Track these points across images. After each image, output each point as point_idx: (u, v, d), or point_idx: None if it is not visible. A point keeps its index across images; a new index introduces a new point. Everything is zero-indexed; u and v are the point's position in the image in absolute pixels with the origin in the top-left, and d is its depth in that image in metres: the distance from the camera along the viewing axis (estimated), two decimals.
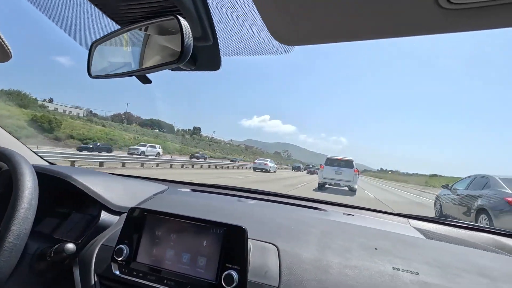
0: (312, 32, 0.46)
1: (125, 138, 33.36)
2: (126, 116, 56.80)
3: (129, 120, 57.73)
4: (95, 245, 0.89)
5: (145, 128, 51.86)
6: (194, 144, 57.69)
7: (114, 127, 39.88)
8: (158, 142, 36.44)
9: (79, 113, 50.45)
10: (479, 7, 0.35)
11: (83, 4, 0.68)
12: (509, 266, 0.81)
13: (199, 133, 79.77)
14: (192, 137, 67.81)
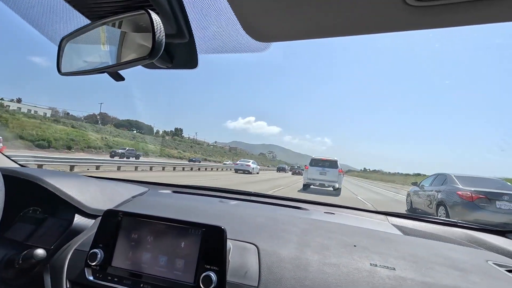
0: (285, 29, 0.47)
1: (90, 139, 30.69)
2: (100, 117, 53.55)
3: (104, 121, 54.50)
4: (68, 250, 0.86)
5: (121, 129, 48.93)
6: (174, 145, 55.19)
7: (85, 128, 36.94)
8: (133, 144, 33.94)
9: (46, 113, 46.92)
10: (444, 4, 0.36)
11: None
12: (478, 258, 0.85)
13: (181, 135, 77.25)
14: (173, 139, 65.19)
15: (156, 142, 50.38)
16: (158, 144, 49.44)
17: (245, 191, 1.59)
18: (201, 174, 19.91)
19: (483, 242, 1.05)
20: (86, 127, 38.74)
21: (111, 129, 46.30)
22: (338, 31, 0.45)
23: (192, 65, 0.76)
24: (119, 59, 0.67)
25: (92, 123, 45.74)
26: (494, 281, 0.72)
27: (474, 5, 0.35)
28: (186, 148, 59.30)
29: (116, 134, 43.45)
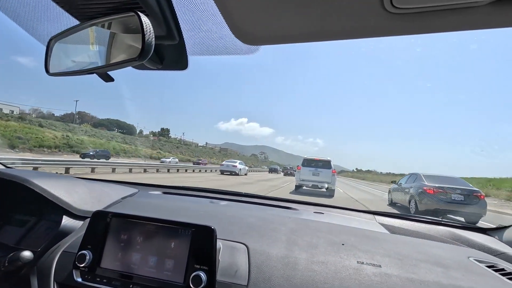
0: (273, 33, 0.49)
1: (45, 138, 27.48)
2: (76, 115, 50.01)
3: (83, 120, 51.05)
4: (55, 252, 0.85)
5: (99, 129, 45.58)
6: (159, 146, 52.09)
7: (55, 127, 33.59)
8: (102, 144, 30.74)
9: (13, 111, 43.33)
10: (421, 12, 0.38)
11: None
12: (460, 255, 0.87)
13: (168, 135, 74.06)
14: (159, 139, 62.02)
15: (138, 142, 47.12)
16: (142, 145, 46.26)
17: (236, 192, 1.60)
18: (177, 176, 17.45)
19: (465, 240, 1.08)
20: (56, 125, 35.38)
21: (87, 128, 43.07)
22: (323, 36, 0.47)
23: (182, 66, 0.76)
24: (108, 60, 0.67)
25: (66, 122, 42.28)
26: (475, 277, 0.75)
27: (448, 14, 0.38)
28: (171, 149, 56.23)
29: (92, 133, 40.20)
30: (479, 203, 7.14)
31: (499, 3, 0.35)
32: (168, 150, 53.60)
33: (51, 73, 0.71)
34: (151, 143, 52.59)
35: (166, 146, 56.89)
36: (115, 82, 0.72)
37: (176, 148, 60.39)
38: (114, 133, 46.75)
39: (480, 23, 0.39)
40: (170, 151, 53.60)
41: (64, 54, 0.72)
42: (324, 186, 12.21)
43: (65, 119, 47.41)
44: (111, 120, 61.78)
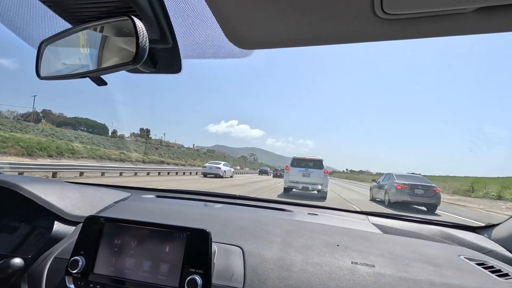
0: (266, 38, 0.50)
1: None
2: (33, 114, 44.46)
3: (48, 119, 45.46)
4: (47, 259, 0.84)
5: (62, 128, 40.27)
6: (134, 147, 46.92)
7: (1, 125, 28.25)
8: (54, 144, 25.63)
9: None
10: (410, 18, 0.40)
11: (30, 1, 0.64)
12: (451, 253, 0.89)
13: (148, 136, 68.88)
14: (136, 140, 56.67)
15: (108, 143, 41.92)
16: (113, 146, 41.18)
17: (230, 194, 1.61)
18: (144, 180, 15.15)
19: (456, 238, 1.11)
20: (3, 123, 30.05)
21: (45, 127, 37.70)
22: (316, 41, 0.48)
23: (175, 69, 0.76)
24: (101, 63, 0.66)
25: (19, 121, 36.85)
26: (465, 274, 0.76)
27: (436, 20, 0.39)
28: (149, 150, 51.06)
29: (51, 133, 34.81)
30: (435, 196, 9.47)
31: (483, 10, 0.37)
32: (144, 151, 48.49)
33: (42, 76, 0.69)
34: (124, 144, 47.37)
35: (142, 147, 51.67)
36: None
37: (154, 149, 55.27)
38: (80, 133, 41.52)
39: (466, 29, 0.41)
40: (146, 153, 48.42)
41: (56, 58, 0.71)
42: (315, 188, 10.99)
43: (26, 118, 42.00)
44: (78, 119, 56.45)
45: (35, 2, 0.61)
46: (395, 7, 0.37)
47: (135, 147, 49.83)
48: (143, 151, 48.39)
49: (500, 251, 0.99)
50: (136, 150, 47.77)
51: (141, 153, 45.95)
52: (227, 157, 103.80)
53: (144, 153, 47.47)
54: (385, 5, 0.37)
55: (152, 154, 49.94)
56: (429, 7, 0.37)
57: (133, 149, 47.97)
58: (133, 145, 50.70)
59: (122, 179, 15.52)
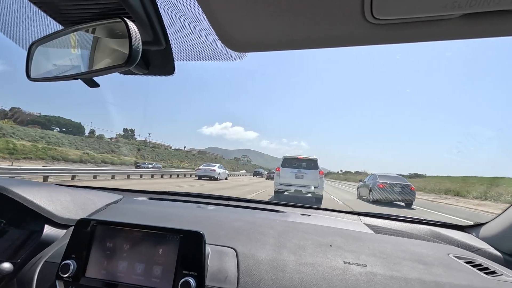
0: (259, 41, 0.50)
1: None
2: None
3: (16, 118, 41.25)
4: (37, 263, 0.82)
5: (30, 127, 36.10)
6: (110, 148, 42.86)
7: None
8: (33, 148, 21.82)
9: None
10: (399, 23, 0.41)
11: (19, 2, 0.63)
12: (441, 252, 0.91)
13: (132, 136, 64.77)
14: (116, 140, 52.58)
15: (82, 144, 37.91)
16: (87, 147, 37.17)
17: (223, 196, 1.59)
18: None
19: (445, 237, 1.13)
20: None
21: (6, 125, 33.43)
22: (308, 44, 0.49)
23: (168, 71, 0.76)
24: (93, 65, 0.66)
25: None
26: (455, 272, 0.78)
27: (424, 25, 0.41)
28: (130, 152, 46.94)
29: (10, 132, 30.75)
30: (411, 192, 11.29)
31: (468, 17, 0.39)
32: (124, 153, 44.44)
33: (32, 78, 0.68)
34: (102, 145, 43.27)
35: (122, 148, 47.52)
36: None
37: (137, 150, 51.09)
38: (48, 132, 37.35)
39: (453, 34, 0.42)
40: (127, 154, 44.40)
41: (47, 59, 0.70)
42: (309, 191, 9.74)
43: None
44: (50, 117, 52.18)
45: (25, 3, 0.59)
46: (384, 12, 0.39)
47: (114, 148, 45.81)
48: (124, 154, 44.41)
49: (488, 249, 1.01)
50: (115, 151, 43.87)
51: (119, 154, 42.08)
52: (217, 158, 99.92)
53: (124, 155, 43.56)
54: (375, 10, 0.39)
55: (132, 155, 46.00)
56: (417, 13, 0.38)
57: (111, 150, 44.03)
58: (112, 145, 46.66)
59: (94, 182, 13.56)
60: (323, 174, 10.04)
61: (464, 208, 12.41)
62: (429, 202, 14.71)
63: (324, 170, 10.56)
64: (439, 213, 10.13)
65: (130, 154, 46.49)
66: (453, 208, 12.60)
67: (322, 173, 9.92)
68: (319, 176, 9.72)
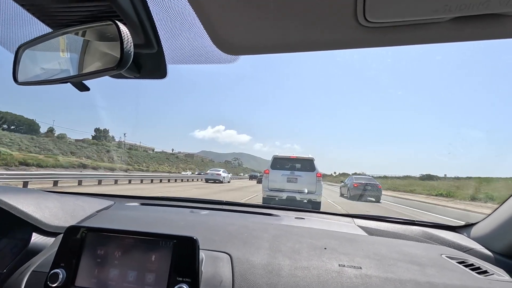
0: (252, 43, 0.51)
1: None
2: None
3: None
4: (24, 273, 0.79)
5: None
6: (70, 149, 36.48)
7: None
8: None
9: None
10: (391, 26, 0.42)
11: (6, 4, 0.61)
12: (433, 253, 0.92)
13: (106, 137, 58.33)
14: (82, 141, 46.13)
15: (31, 143, 31.65)
16: (36, 147, 30.94)
17: (217, 200, 1.56)
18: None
19: (437, 238, 1.13)
20: None
21: None
22: (301, 47, 0.49)
23: (160, 75, 0.74)
24: (84, 69, 0.64)
25: None
26: (447, 273, 0.79)
27: (415, 28, 0.42)
28: (95, 154, 40.51)
29: None
30: (379, 190, 14.28)
31: (457, 20, 0.40)
32: (85, 156, 38.02)
33: (20, 82, 0.67)
34: (56, 145, 36.82)
35: (87, 150, 41.05)
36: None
37: (106, 152, 44.63)
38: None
39: (443, 37, 0.43)
40: (90, 157, 38.04)
41: (35, 63, 0.68)
42: (305, 197, 7.93)
43: None
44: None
45: (12, 4, 0.57)
46: (377, 16, 0.39)
47: (75, 148, 39.38)
48: (84, 156, 38.02)
49: (479, 249, 1.01)
50: (75, 153, 37.50)
51: (80, 157, 35.87)
52: (205, 161, 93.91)
53: (87, 157, 37.28)
54: (368, 13, 0.39)
55: (94, 158, 39.69)
56: (409, 16, 0.39)
57: (71, 151, 37.67)
58: (73, 146, 40.22)
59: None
60: (321, 176, 8.31)
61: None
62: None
63: (320, 173, 8.69)
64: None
65: (95, 156, 40.08)
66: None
67: (320, 176, 8.23)
68: (317, 180, 8.06)
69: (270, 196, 8.31)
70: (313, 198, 7.97)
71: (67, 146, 38.62)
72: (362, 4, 0.38)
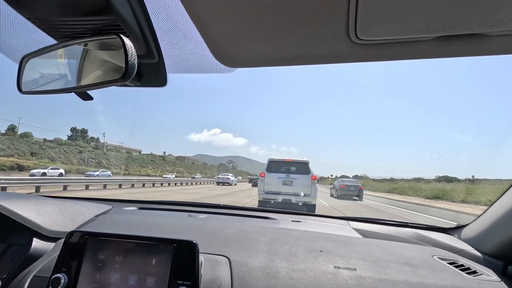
0: (250, 57, 0.53)
1: None
2: None
3: None
4: (25, 278, 0.80)
5: None
6: (31, 149, 31.93)
7: None
8: None
9: None
10: (381, 43, 0.45)
11: (12, 16, 0.62)
12: (426, 254, 0.94)
13: (84, 137, 53.71)
14: (48, 141, 41.54)
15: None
16: None
17: (214, 204, 1.57)
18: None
19: (429, 239, 1.16)
20: None
21: None
22: (296, 61, 0.52)
23: (160, 83, 0.76)
24: (88, 79, 0.65)
25: None
26: (439, 273, 0.81)
27: (403, 45, 0.45)
28: (62, 155, 35.90)
29: None
30: (360, 190, 16.94)
31: (441, 39, 0.44)
32: (51, 156, 33.50)
33: (24, 91, 0.68)
34: (13, 144, 32.23)
35: (55, 150, 36.42)
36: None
37: (78, 153, 39.98)
38: None
39: (429, 53, 0.46)
40: (54, 159, 33.61)
41: (40, 73, 0.69)
42: (300, 200, 8.05)
43: None
44: None
45: (17, 16, 0.59)
46: (367, 34, 0.43)
47: (38, 149, 34.74)
48: (49, 158, 33.43)
49: (469, 250, 1.04)
50: (36, 153, 32.92)
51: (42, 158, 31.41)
52: (195, 164, 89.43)
53: (50, 158, 32.76)
54: (359, 31, 0.42)
55: (67, 158, 35.13)
56: (396, 35, 0.42)
57: (32, 151, 33.18)
58: (36, 146, 35.58)
59: None
60: (316, 179, 8.43)
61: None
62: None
63: (315, 176, 8.66)
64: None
65: (62, 157, 35.42)
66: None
67: (315, 178, 8.33)
68: (311, 182, 8.14)
69: (266, 199, 8.32)
70: (308, 200, 8.07)
71: (28, 146, 34.10)
72: (353, 23, 0.41)
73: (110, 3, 0.52)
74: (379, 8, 0.39)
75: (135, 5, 0.57)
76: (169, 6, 0.59)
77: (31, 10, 0.55)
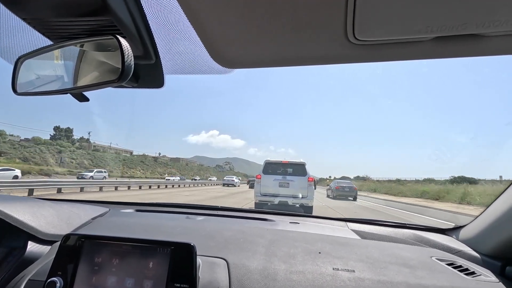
0: (248, 58, 0.53)
1: None
2: None
3: None
4: (21, 281, 0.79)
5: None
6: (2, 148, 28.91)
7: None
8: None
9: None
10: (379, 44, 0.45)
11: (7, 16, 0.61)
12: (424, 255, 0.94)
13: (68, 137, 50.51)
14: (27, 140, 38.61)
15: None
16: None
17: (212, 206, 1.56)
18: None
19: (427, 240, 1.15)
20: None
21: None
22: (294, 62, 0.52)
23: (158, 84, 0.76)
24: (84, 81, 0.65)
25: None
26: (438, 274, 0.81)
27: (401, 46, 0.45)
28: (37, 155, 32.88)
29: None
30: (355, 191, 18.51)
31: (438, 39, 0.44)
32: (23, 155, 30.47)
33: (19, 92, 0.67)
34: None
35: (30, 149, 33.32)
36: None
37: (57, 153, 36.87)
38: None
39: (426, 54, 0.47)
40: (27, 158, 30.57)
41: (35, 74, 0.68)
42: (297, 202, 8.00)
43: None
44: None
45: (12, 16, 0.58)
46: (365, 34, 0.43)
47: (8, 148, 31.65)
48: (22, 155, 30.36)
49: (467, 251, 1.04)
50: (6, 153, 29.84)
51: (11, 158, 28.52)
52: (189, 165, 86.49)
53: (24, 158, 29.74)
54: (357, 32, 0.42)
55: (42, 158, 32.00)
56: (394, 36, 0.42)
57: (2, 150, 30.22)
58: (7, 145, 32.53)
59: None
60: (313, 181, 8.30)
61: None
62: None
63: (314, 177, 8.52)
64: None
65: (36, 157, 32.26)
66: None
67: (311, 180, 8.23)
68: (308, 184, 8.08)
69: (262, 201, 8.24)
70: (305, 202, 8.05)
71: (12, 145, 31.03)
72: (351, 23, 0.41)
73: (106, 4, 0.51)
74: (377, 9, 0.38)
75: (132, 6, 0.57)
76: (166, 7, 0.59)
77: (26, 11, 0.54)
